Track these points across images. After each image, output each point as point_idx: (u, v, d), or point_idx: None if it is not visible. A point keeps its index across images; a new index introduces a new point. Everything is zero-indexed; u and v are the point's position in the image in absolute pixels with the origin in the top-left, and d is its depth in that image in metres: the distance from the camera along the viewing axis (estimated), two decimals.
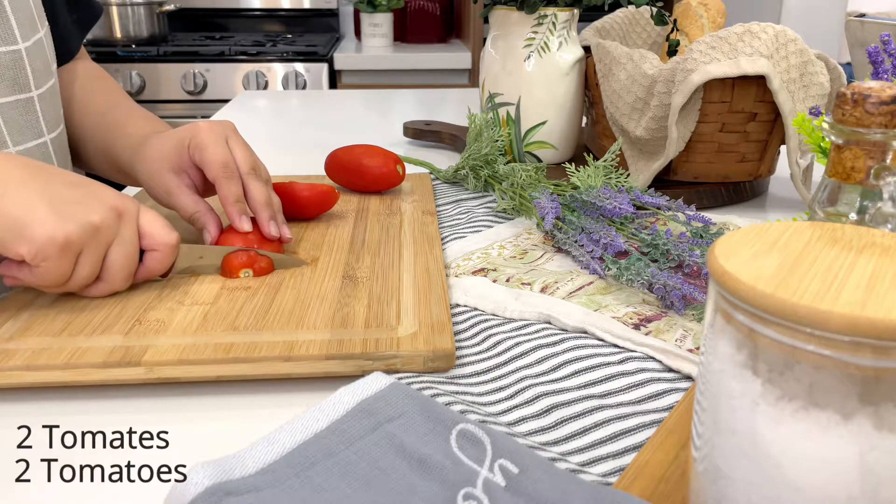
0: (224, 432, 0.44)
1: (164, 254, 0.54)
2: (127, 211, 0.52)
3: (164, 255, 0.54)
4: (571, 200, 0.70)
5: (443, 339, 0.49)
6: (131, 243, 0.52)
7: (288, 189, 0.70)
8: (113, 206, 0.51)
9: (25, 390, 0.47)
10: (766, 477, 0.28)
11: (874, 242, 0.30)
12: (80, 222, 0.48)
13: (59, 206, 0.48)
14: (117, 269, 0.52)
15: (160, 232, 0.53)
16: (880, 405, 0.25)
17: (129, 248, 0.52)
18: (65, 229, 0.48)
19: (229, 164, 0.61)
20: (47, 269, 0.48)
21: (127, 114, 0.74)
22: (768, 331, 0.26)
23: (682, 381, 0.47)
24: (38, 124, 0.66)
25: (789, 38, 0.74)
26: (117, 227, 0.51)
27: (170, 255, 0.55)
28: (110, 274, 0.52)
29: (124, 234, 0.51)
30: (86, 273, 0.51)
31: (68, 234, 0.48)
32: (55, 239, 0.47)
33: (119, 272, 0.52)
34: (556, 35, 0.87)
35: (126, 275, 0.53)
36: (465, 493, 0.32)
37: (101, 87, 0.79)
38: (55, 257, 0.48)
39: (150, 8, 2.27)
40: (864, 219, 0.40)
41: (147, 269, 0.54)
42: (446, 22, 2.63)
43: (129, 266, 0.53)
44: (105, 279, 0.52)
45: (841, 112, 0.39)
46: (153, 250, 0.54)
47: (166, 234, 0.54)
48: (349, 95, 1.61)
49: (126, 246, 0.52)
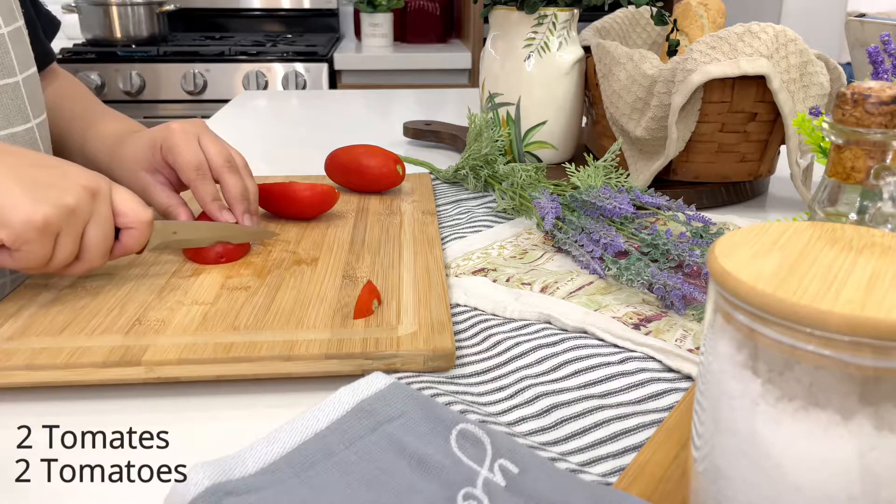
0: (224, 432, 0.44)
1: (140, 231, 0.55)
2: (100, 190, 0.52)
3: (140, 231, 0.55)
4: (571, 200, 0.70)
5: (443, 339, 0.49)
6: (107, 221, 0.53)
7: (288, 189, 0.70)
8: (86, 185, 0.51)
9: (25, 390, 0.47)
10: (766, 477, 0.28)
11: (874, 242, 0.30)
12: (55, 204, 0.49)
13: (33, 188, 0.49)
14: (95, 248, 0.52)
15: (134, 209, 0.54)
16: (880, 405, 0.25)
17: (105, 227, 0.52)
18: (42, 212, 0.48)
19: (202, 166, 0.63)
20: (28, 252, 0.49)
21: (99, 116, 0.76)
22: (768, 331, 0.26)
23: (682, 381, 0.47)
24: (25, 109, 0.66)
25: (789, 38, 0.74)
26: (92, 207, 0.51)
27: (145, 232, 0.55)
28: (88, 252, 0.52)
29: (100, 212, 0.52)
30: (65, 253, 0.51)
31: (46, 217, 0.48)
32: (33, 222, 0.48)
33: (96, 250, 0.52)
34: (556, 35, 0.87)
35: (103, 252, 0.53)
36: (465, 493, 0.32)
37: (73, 92, 0.81)
38: (34, 240, 0.48)
39: (150, 8, 2.27)
40: (864, 219, 0.40)
41: (123, 247, 0.55)
42: (446, 22, 2.63)
43: (106, 244, 0.53)
44: (83, 258, 0.53)
45: (841, 112, 0.39)
46: (128, 228, 0.54)
47: (141, 211, 0.54)
48: (349, 95, 1.61)
49: (102, 224, 0.52)
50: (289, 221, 0.71)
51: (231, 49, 2.19)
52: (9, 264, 0.50)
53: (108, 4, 2.20)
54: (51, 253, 0.50)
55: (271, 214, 0.72)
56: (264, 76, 2.16)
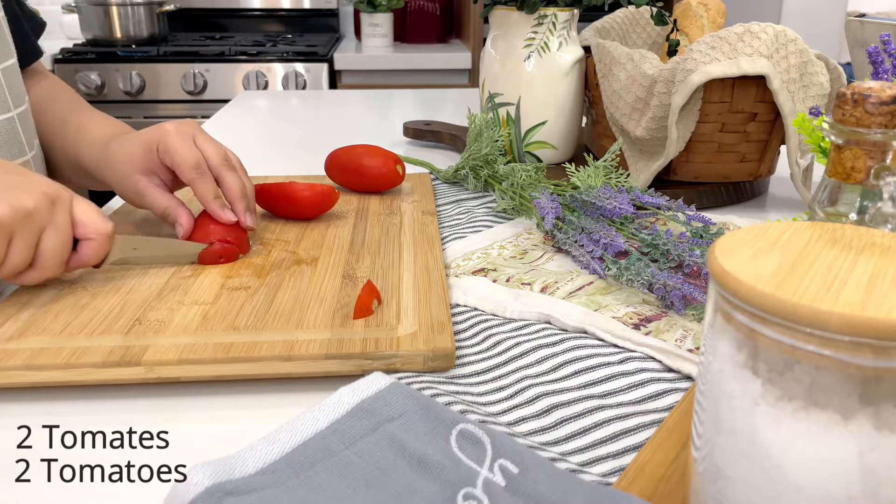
0: (224, 432, 0.44)
1: (99, 242, 0.54)
2: (60, 198, 0.52)
3: (98, 243, 0.54)
4: (571, 200, 0.70)
5: (443, 339, 0.49)
6: (64, 230, 0.52)
7: (288, 189, 0.70)
8: (45, 192, 0.51)
9: (25, 390, 0.47)
10: (766, 477, 0.28)
11: (874, 242, 0.30)
12: (12, 205, 0.48)
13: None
14: (49, 255, 0.51)
15: (95, 220, 0.54)
16: (880, 405, 0.25)
17: (62, 235, 0.52)
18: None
19: (200, 164, 0.62)
20: None
21: (87, 118, 0.75)
22: (768, 331, 0.26)
23: (682, 381, 0.47)
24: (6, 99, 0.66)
25: (789, 38, 0.74)
26: (51, 214, 0.51)
27: (104, 244, 0.54)
28: (43, 259, 0.51)
29: (57, 220, 0.51)
30: (19, 259, 0.50)
31: (2, 216, 0.48)
32: None
33: (51, 258, 0.52)
34: (556, 35, 0.87)
35: (59, 262, 0.52)
36: (465, 493, 0.32)
37: (58, 94, 0.80)
38: None
39: (150, 8, 2.27)
40: (864, 219, 0.39)
41: (80, 258, 0.54)
42: (446, 22, 2.63)
43: (62, 253, 0.52)
44: (37, 266, 0.52)
45: (841, 112, 0.39)
46: (87, 238, 0.54)
47: (101, 223, 0.54)
48: (349, 95, 1.61)
49: (59, 232, 0.51)
50: (289, 221, 0.71)
51: (231, 49, 2.19)
52: None
53: (108, 4, 2.20)
54: (2, 256, 0.49)
55: (271, 214, 0.72)
56: (264, 76, 2.16)
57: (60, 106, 0.78)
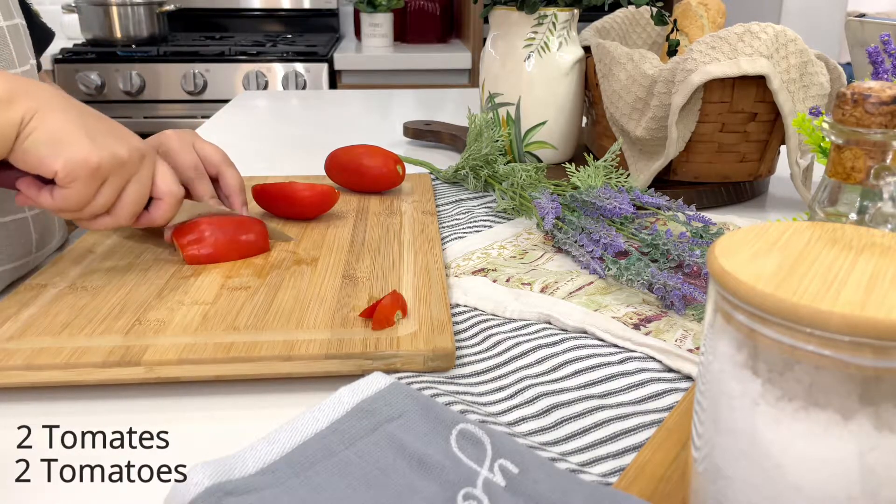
0: (224, 432, 0.44)
1: (169, 204, 0.58)
2: (149, 155, 0.56)
3: (168, 205, 0.58)
4: (571, 200, 0.70)
5: (443, 339, 0.49)
6: (146, 184, 0.56)
7: (288, 189, 0.70)
8: (138, 147, 0.55)
9: (25, 390, 0.47)
10: (766, 477, 0.28)
11: (874, 242, 0.30)
12: (111, 152, 0.52)
13: (95, 134, 0.52)
14: (128, 205, 0.55)
15: (170, 183, 0.57)
16: (880, 405, 0.25)
17: (143, 188, 0.55)
18: (99, 155, 0.51)
19: (198, 166, 0.66)
20: (72, 192, 0.51)
21: None
22: (768, 331, 0.26)
23: (682, 381, 0.47)
24: None
25: (789, 38, 0.74)
26: (139, 166, 0.55)
27: (174, 207, 0.58)
28: (121, 208, 0.55)
29: (142, 174, 0.55)
30: (102, 202, 0.53)
31: (101, 160, 0.51)
32: (89, 162, 0.50)
33: (128, 208, 0.55)
34: (556, 35, 0.87)
35: (133, 212, 0.56)
36: (465, 493, 0.32)
37: None
38: (83, 179, 0.51)
39: (150, 8, 2.26)
40: (864, 219, 0.39)
41: (150, 216, 0.58)
42: (446, 22, 2.63)
43: (139, 203, 0.56)
44: (114, 213, 0.55)
45: (841, 112, 0.39)
46: (159, 199, 0.57)
47: (175, 187, 0.58)
48: (349, 95, 1.61)
49: (141, 185, 0.55)
50: (289, 221, 0.71)
51: (231, 49, 2.19)
52: (47, 203, 0.52)
53: (108, 4, 2.20)
54: (91, 198, 0.52)
55: (271, 215, 0.72)
56: (264, 76, 2.16)
57: None
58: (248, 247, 0.63)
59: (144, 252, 0.63)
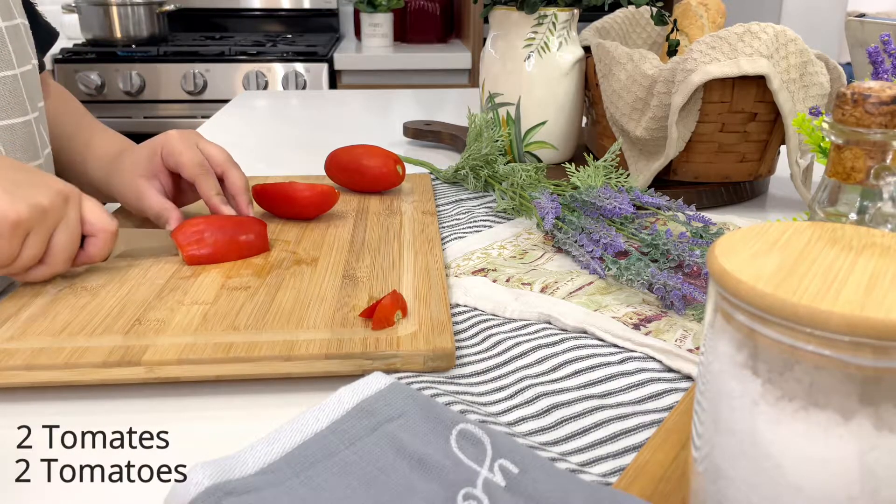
0: (224, 432, 0.44)
1: (103, 240, 0.56)
2: (72, 195, 0.54)
3: (103, 241, 0.56)
4: (571, 200, 0.70)
5: (443, 339, 0.49)
6: (75, 227, 0.54)
7: (288, 189, 0.70)
8: (59, 190, 0.53)
9: (25, 390, 0.47)
10: (766, 477, 0.28)
11: (874, 242, 0.30)
12: (30, 203, 0.50)
13: (11, 187, 0.50)
14: (60, 251, 0.54)
15: (101, 217, 0.56)
16: (880, 405, 0.25)
17: (73, 232, 0.54)
18: (16, 209, 0.50)
19: (203, 163, 0.66)
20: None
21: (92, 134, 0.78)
22: (768, 331, 0.26)
23: (682, 381, 0.47)
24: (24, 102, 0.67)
25: (789, 38, 0.74)
26: (63, 211, 0.53)
27: (109, 242, 0.57)
28: (53, 256, 0.54)
29: (69, 217, 0.54)
30: (31, 254, 0.52)
31: (19, 214, 0.50)
32: (7, 218, 0.49)
33: (61, 254, 0.54)
34: (556, 35, 0.87)
35: (67, 257, 0.54)
36: (465, 493, 0.32)
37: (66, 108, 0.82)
38: (6, 236, 0.50)
39: (150, 8, 2.26)
40: (864, 219, 0.39)
41: (87, 255, 0.56)
42: (446, 22, 2.63)
43: (72, 249, 0.54)
44: (47, 262, 0.54)
45: (841, 112, 0.39)
46: (93, 236, 0.56)
47: (107, 221, 0.56)
48: (349, 95, 1.61)
49: (70, 229, 0.54)
50: (289, 221, 0.71)
51: (231, 49, 2.19)
52: None
53: (108, 4, 2.20)
54: (17, 252, 0.51)
55: (271, 215, 0.72)
56: (264, 76, 2.16)
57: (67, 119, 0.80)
58: (248, 247, 0.62)
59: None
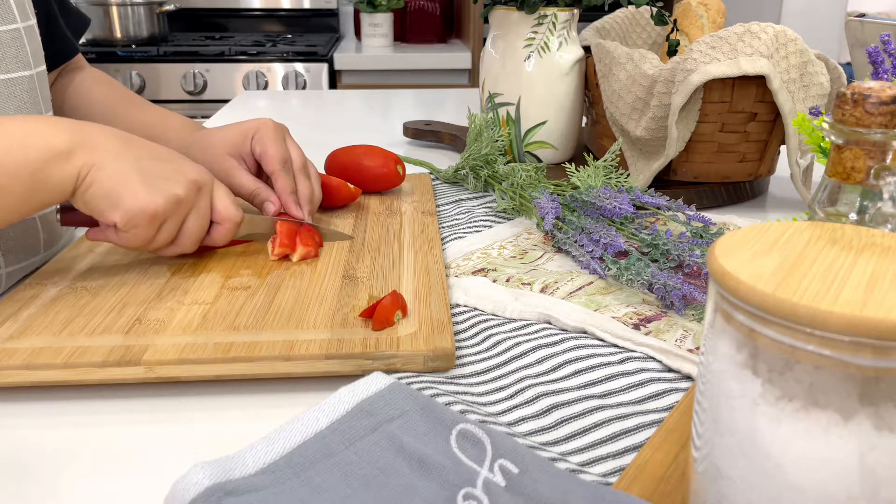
0: (224, 432, 0.44)
1: (228, 228, 0.60)
2: (205, 185, 0.58)
3: (227, 229, 0.60)
4: (571, 200, 0.70)
5: (443, 339, 0.49)
6: (205, 214, 0.58)
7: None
8: (194, 179, 0.56)
9: (25, 390, 0.47)
10: (766, 477, 0.28)
11: (874, 242, 0.30)
12: (167, 196, 0.54)
13: (150, 179, 0.54)
14: (190, 236, 0.57)
15: (228, 208, 0.59)
16: (880, 405, 0.25)
17: (203, 219, 0.58)
18: (154, 202, 0.53)
19: (287, 161, 0.68)
20: (135, 235, 0.54)
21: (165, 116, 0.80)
22: (768, 331, 0.26)
23: (682, 381, 0.47)
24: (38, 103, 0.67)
25: (789, 38, 0.74)
26: (196, 199, 0.57)
27: (232, 230, 0.60)
28: (184, 239, 0.57)
29: (200, 205, 0.57)
30: (165, 238, 0.56)
31: (157, 207, 0.53)
32: (145, 211, 0.53)
33: (191, 238, 0.58)
34: (556, 35, 0.87)
35: (196, 240, 0.58)
36: (465, 493, 0.32)
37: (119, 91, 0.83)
38: (143, 226, 0.54)
39: (150, 8, 2.27)
40: (864, 219, 0.39)
41: (211, 239, 0.60)
42: (446, 22, 2.63)
43: (201, 233, 0.58)
44: (178, 243, 0.58)
45: (841, 112, 0.39)
46: (219, 223, 0.59)
47: (234, 211, 0.60)
48: (349, 95, 1.61)
49: (201, 216, 0.57)
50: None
51: (231, 49, 2.19)
52: (114, 240, 0.56)
53: (108, 4, 2.20)
54: (153, 237, 0.55)
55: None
56: (264, 76, 2.16)
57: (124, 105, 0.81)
58: None
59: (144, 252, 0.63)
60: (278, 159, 0.67)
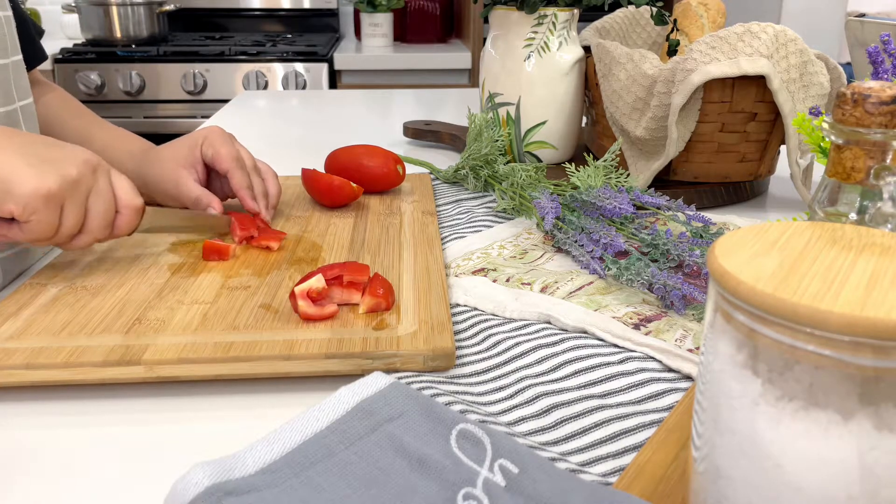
0: (224, 432, 0.44)
1: (129, 216, 0.58)
2: (100, 165, 0.56)
3: (129, 216, 0.58)
4: (571, 200, 0.70)
5: (443, 339, 0.49)
6: (107, 193, 0.56)
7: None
8: (86, 159, 0.55)
9: (25, 390, 0.47)
10: (766, 477, 0.28)
11: (874, 242, 0.30)
12: (59, 175, 0.52)
13: (38, 164, 0.52)
14: (97, 218, 0.55)
15: (128, 193, 0.58)
16: (880, 405, 0.25)
17: (107, 198, 0.56)
18: (46, 183, 0.51)
19: (239, 159, 0.71)
20: (36, 223, 0.52)
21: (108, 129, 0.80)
22: (768, 331, 0.26)
23: (682, 381, 0.47)
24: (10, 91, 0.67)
25: (789, 38, 0.74)
26: (93, 179, 0.55)
27: (135, 218, 0.59)
28: (91, 223, 0.55)
29: (100, 184, 0.55)
30: (70, 223, 0.54)
31: (50, 187, 0.51)
32: (39, 192, 0.51)
33: (99, 220, 0.56)
34: (556, 35, 0.87)
35: (105, 223, 0.56)
36: (465, 492, 0.32)
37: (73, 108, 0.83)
38: (42, 210, 0.51)
39: (150, 8, 2.27)
40: (864, 219, 0.39)
41: (116, 227, 0.58)
42: (446, 22, 2.63)
43: (108, 215, 0.56)
44: (86, 230, 0.56)
45: (841, 112, 0.39)
46: (119, 211, 0.58)
47: (133, 197, 0.58)
48: (349, 95, 1.61)
49: (103, 196, 0.56)
50: (289, 220, 0.72)
51: (231, 49, 2.19)
52: (19, 237, 0.53)
53: (108, 4, 2.20)
54: (57, 223, 0.53)
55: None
56: (264, 76, 2.16)
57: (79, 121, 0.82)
58: None
59: (144, 252, 0.63)
60: (231, 157, 0.69)
